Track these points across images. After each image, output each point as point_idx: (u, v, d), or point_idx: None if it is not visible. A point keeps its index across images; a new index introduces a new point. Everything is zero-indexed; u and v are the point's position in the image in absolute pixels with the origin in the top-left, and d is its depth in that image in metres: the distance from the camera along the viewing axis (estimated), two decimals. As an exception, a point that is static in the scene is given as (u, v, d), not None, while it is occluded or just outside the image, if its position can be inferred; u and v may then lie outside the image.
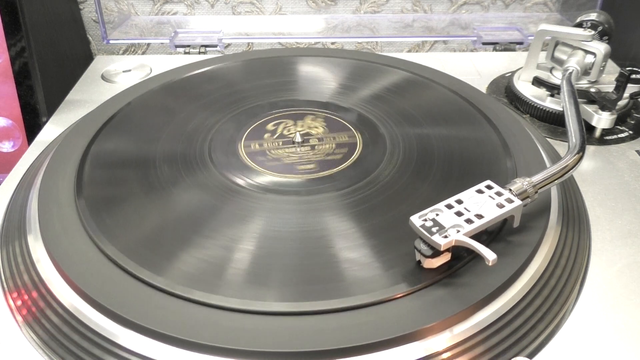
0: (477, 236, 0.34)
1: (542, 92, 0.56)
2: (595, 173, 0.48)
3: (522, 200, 0.36)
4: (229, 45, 0.85)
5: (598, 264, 0.39)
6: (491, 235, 0.37)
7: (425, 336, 0.32)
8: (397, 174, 0.44)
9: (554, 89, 0.55)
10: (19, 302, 0.36)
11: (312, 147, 0.48)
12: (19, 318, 0.36)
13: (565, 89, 0.51)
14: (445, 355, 0.32)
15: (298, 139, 0.48)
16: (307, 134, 0.50)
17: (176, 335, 0.31)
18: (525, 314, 0.34)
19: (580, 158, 0.41)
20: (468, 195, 0.36)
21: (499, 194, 0.37)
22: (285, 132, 0.50)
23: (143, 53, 0.86)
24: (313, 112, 0.53)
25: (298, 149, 0.48)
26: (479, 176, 0.39)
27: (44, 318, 0.34)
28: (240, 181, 0.43)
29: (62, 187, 0.43)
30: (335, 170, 0.45)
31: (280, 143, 0.48)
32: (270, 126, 0.51)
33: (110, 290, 0.34)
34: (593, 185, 0.47)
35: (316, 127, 0.50)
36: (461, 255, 0.35)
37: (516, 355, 0.32)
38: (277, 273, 0.35)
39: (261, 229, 0.39)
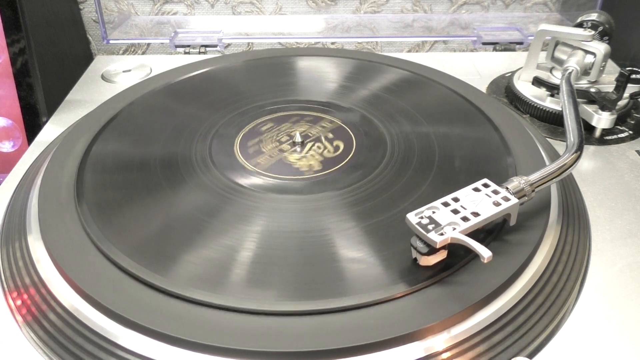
0: (475, 235, 0.34)
1: (542, 92, 0.56)
2: (595, 173, 0.48)
3: (518, 198, 0.36)
4: (229, 45, 0.85)
5: (598, 264, 0.39)
6: (491, 234, 0.37)
7: (425, 336, 0.32)
8: (397, 174, 0.44)
9: (553, 89, 0.55)
10: (19, 302, 0.36)
11: (312, 146, 0.48)
12: (19, 318, 0.36)
13: (564, 88, 0.50)
14: (445, 356, 0.32)
15: (298, 138, 0.48)
16: (307, 133, 0.50)
17: (176, 335, 0.31)
18: (525, 314, 0.34)
19: (578, 157, 0.41)
20: (465, 193, 0.36)
21: (495, 192, 0.37)
22: (285, 132, 0.50)
23: (143, 53, 0.86)
24: (313, 112, 0.53)
25: (298, 149, 0.48)
26: (479, 176, 0.39)
27: (44, 318, 0.34)
28: (240, 181, 0.43)
29: (62, 187, 0.43)
30: (335, 169, 0.45)
31: (281, 143, 0.48)
32: (270, 126, 0.51)
33: (110, 290, 0.34)
34: (593, 185, 0.47)
35: (316, 127, 0.50)
36: (459, 254, 0.35)
37: (516, 355, 0.32)
38: (277, 273, 0.35)
39: (262, 228, 0.39)
